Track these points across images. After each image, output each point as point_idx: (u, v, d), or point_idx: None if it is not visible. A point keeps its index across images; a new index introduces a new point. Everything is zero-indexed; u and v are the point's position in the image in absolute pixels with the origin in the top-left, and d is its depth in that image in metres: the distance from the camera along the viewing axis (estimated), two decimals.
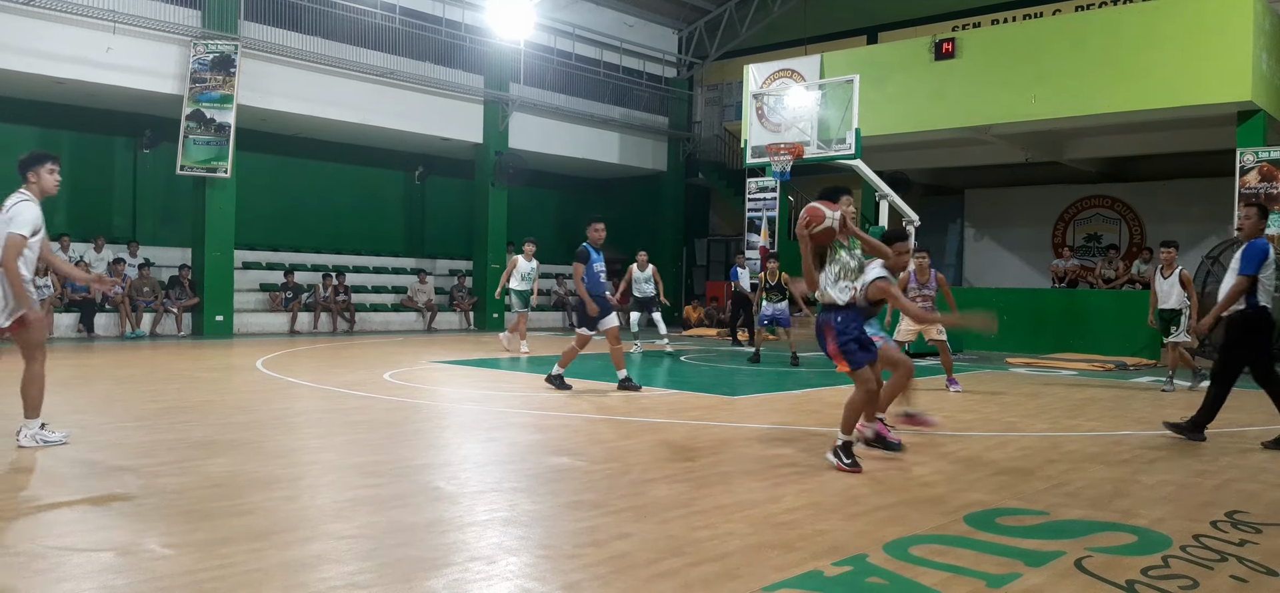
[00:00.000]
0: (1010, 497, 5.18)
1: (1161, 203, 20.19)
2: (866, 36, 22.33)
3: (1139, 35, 15.09)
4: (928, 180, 22.68)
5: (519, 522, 4.50)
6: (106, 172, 18.60)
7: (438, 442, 6.80)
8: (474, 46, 20.88)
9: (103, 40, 15.51)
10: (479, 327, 21.45)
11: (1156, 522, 4.67)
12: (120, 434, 6.65)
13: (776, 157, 14.87)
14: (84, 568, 3.67)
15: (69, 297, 16.01)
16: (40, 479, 5.23)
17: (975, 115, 16.66)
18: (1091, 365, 13.86)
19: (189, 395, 8.78)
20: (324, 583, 3.53)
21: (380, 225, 22.75)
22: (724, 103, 25.88)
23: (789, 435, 7.21)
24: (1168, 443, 7.07)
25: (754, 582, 3.62)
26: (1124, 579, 3.73)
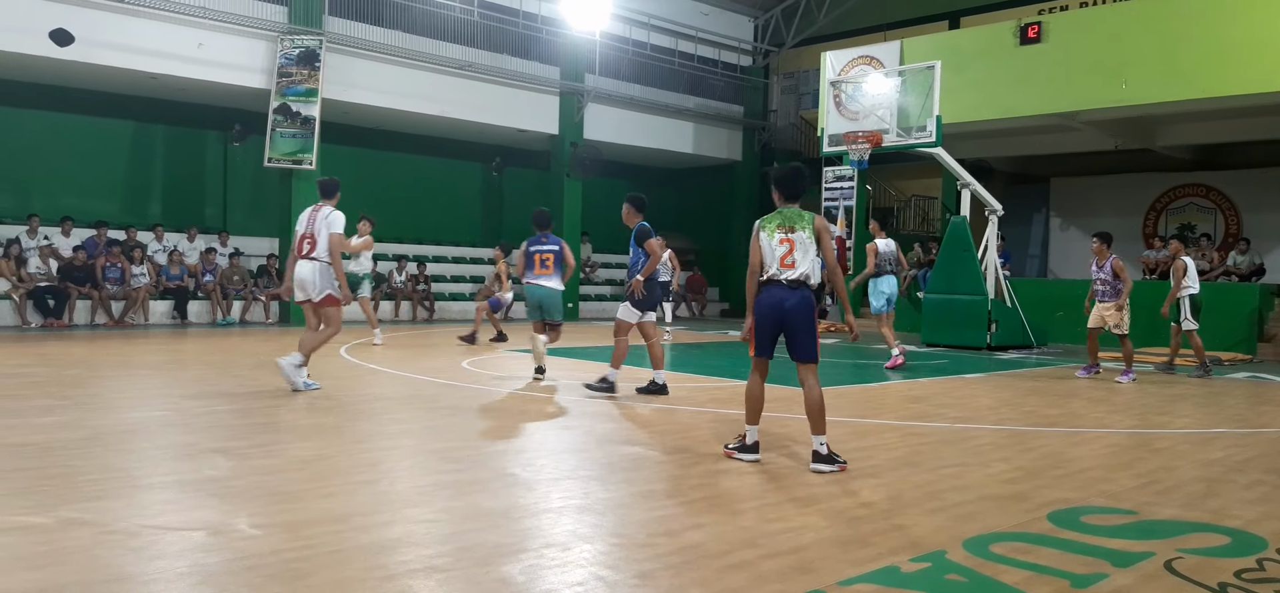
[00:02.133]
0: (1096, 495, 5.03)
1: (1259, 191, 19.36)
2: (948, 22, 21.86)
3: (1237, 16, 14.46)
4: (1011, 169, 22.13)
5: (593, 509, 4.53)
6: (198, 164, 19.24)
7: (514, 429, 6.88)
8: (550, 38, 21.02)
9: (194, 36, 16.04)
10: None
11: (1251, 523, 4.49)
12: (212, 417, 6.88)
13: (854, 145, 14.66)
14: (177, 546, 3.81)
15: (164, 285, 16.61)
16: (136, 460, 5.44)
17: (1062, 101, 16.18)
18: (1183, 360, 13.37)
19: (276, 381, 9.04)
20: (403, 565, 3.61)
21: (458, 215, 23.09)
22: (800, 91, 25.60)
23: (864, 429, 7.12)
24: (1263, 440, 6.79)
25: (829, 576, 3.58)
26: (1217, 582, 3.60)
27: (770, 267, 5.64)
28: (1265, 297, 15.26)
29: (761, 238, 5.69)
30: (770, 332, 5.69)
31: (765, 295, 5.65)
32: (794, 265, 5.59)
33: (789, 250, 5.61)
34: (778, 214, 5.74)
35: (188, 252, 17.36)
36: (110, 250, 16.02)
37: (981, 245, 14.96)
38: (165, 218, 18.21)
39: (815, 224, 5.63)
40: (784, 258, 5.61)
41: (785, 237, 5.64)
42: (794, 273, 5.59)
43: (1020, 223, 22.44)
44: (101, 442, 5.85)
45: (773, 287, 5.63)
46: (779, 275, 5.61)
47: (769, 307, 5.63)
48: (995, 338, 14.45)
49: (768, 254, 5.66)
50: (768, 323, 5.66)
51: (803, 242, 5.61)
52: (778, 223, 5.69)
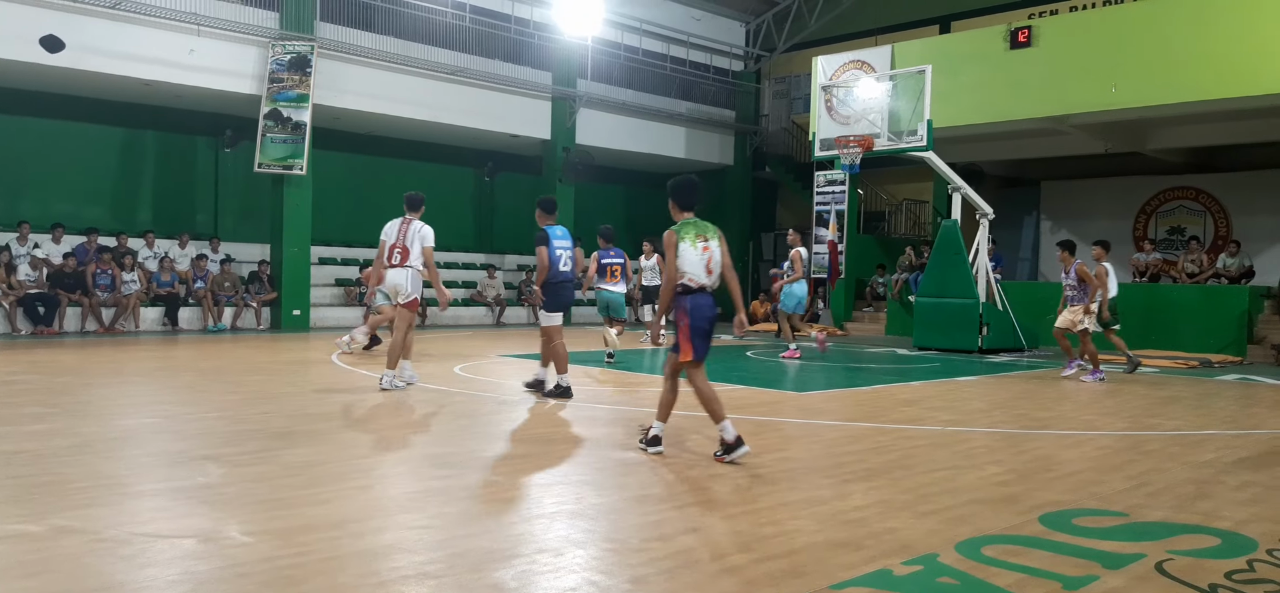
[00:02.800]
0: (1088, 497, 5.05)
1: (1249, 194, 19.44)
2: (939, 26, 21.91)
3: (1226, 19, 14.52)
4: (1002, 172, 22.19)
5: (586, 515, 4.53)
6: (189, 170, 19.19)
7: (506, 435, 6.88)
8: (542, 43, 21.03)
9: (186, 43, 16.01)
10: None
11: (1241, 524, 4.52)
12: (203, 424, 6.87)
13: (846, 149, 14.70)
14: (167, 554, 3.80)
15: (155, 292, 16.56)
16: (126, 468, 5.43)
17: (1052, 105, 16.23)
18: (1174, 363, 13.43)
19: (267, 388, 9.02)
20: (395, 572, 3.60)
21: (450, 221, 23.03)
22: (792, 95, 25.63)
23: (856, 433, 7.13)
24: (1253, 442, 6.82)
25: (821, 580, 3.59)
26: (1207, 583, 3.62)
27: (699, 275, 5.89)
28: (1255, 299, 15.33)
29: (682, 247, 5.91)
30: (707, 334, 5.96)
31: (699, 302, 5.91)
32: (712, 271, 5.93)
33: (708, 258, 5.92)
34: (691, 224, 6.02)
35: (179, 258, 17.31)
36: (101, 257, 15.96)
37: (973, 249, 15.01)
38: (156, 224, 18.15)
39: (720, 232, 6.08)
40: (707, 265, 5.91)
41: (705, 245, 5.94)
42: (713, 278, 5.94)
43: (1011, 226, 22.49)
44: (92, 449, 5.83)
45: (703, 295, 5.93)
46: (707, 282, 5.92)
47: (705, 312, 5.92)
48: (986, 341, 14.50)
49: (693, 263, 5.89)
50: (705, 327, 5.93)
51: (715, 250, 5.95)
52: (695, 232, 5.97)
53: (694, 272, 5.88)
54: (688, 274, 5.87)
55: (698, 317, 5.87)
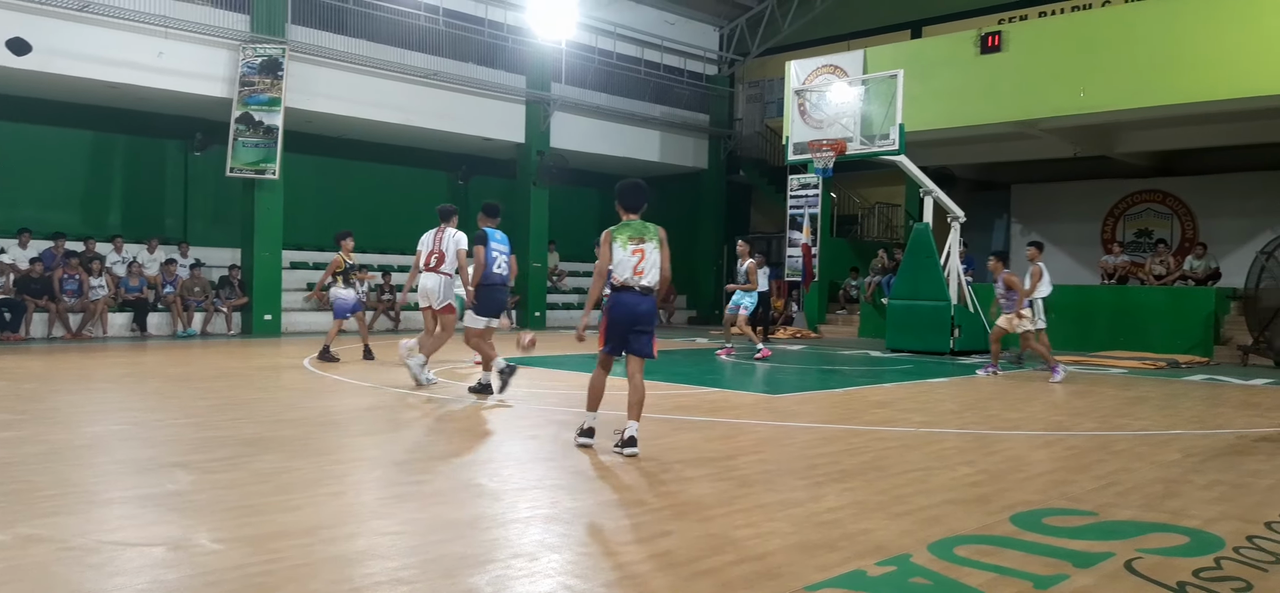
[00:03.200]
0: (1058, 497, 5.10)
1: (1215, 197, 19.73)
2: (910, 31, 22.08)
3: (1192, 25, 14.75)
4: (974, 176, 22.38)
5: (561, 519, 4.52)
6: (158, 174, 18.97)
7: (480, 439, 6.85)
8: (516, 47, 20.99)
9: (154, 45, 15.83)
10: (521, 325, 21.57)
11: (1209, 523, 4.58)
12: (172, 431, 6.79)
13: (819, 153, 14.78)
14: (136, 562, 3.75)
15: (123, 297, 16.36)
16: (94, 475, 5.35)
17: (1022, 110, 16.40)
18: (1141, 364, 13.60)
19: (238, 393, 8.94)
20: (369, 578, 3.58)
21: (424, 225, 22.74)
22: (765, 100, 25.74)
23: (830, 434, 7.16)
24: (1220, 442, 6.92)
25: (796, 581, 3.60)
26: (1175, 581, 3.66)
27: (624, 274, 6.12)
28: (1221, 300, 15.55)
29: (613, 246, 6.16)
30: (623, 332, 6.17)
31: (622, 299, 6.14)
32: (644, 273, 6.12)
33: (640, 259, 6.12)
34: (627, 225, 6.23)
35: (147, 263, 17.10)
36: (68, 262, 15.74)
37: (944, 252, 15.13)
38: (125, 229, 17.93)
39: (659, 235, 6.22)
40: (636, 267, 6.12)
41: (637, 246, 6.14)
42: (645, 280, 6.13)
43: (982, 229, 22.69)
44: (59, 457, 5.75)
45: (627, 292, 6.14)
46: (632, 282, 6.11)
47: (626, 310, 6.14)
48: (958, 343, 14.61)
49: (621, 262, 6.13)
50: (623, 324, 6.15)
51: (651, 251, 6.14)
52: (629, 234, 6.18)
53: (620, 271, 6.12)
54: (617, 273, 6.14)
55: (617, 312, 6.14)
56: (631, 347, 6.19)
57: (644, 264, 6.11)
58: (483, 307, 8.95)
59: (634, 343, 6.18)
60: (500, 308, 9.23)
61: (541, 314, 21.82)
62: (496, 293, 9.03)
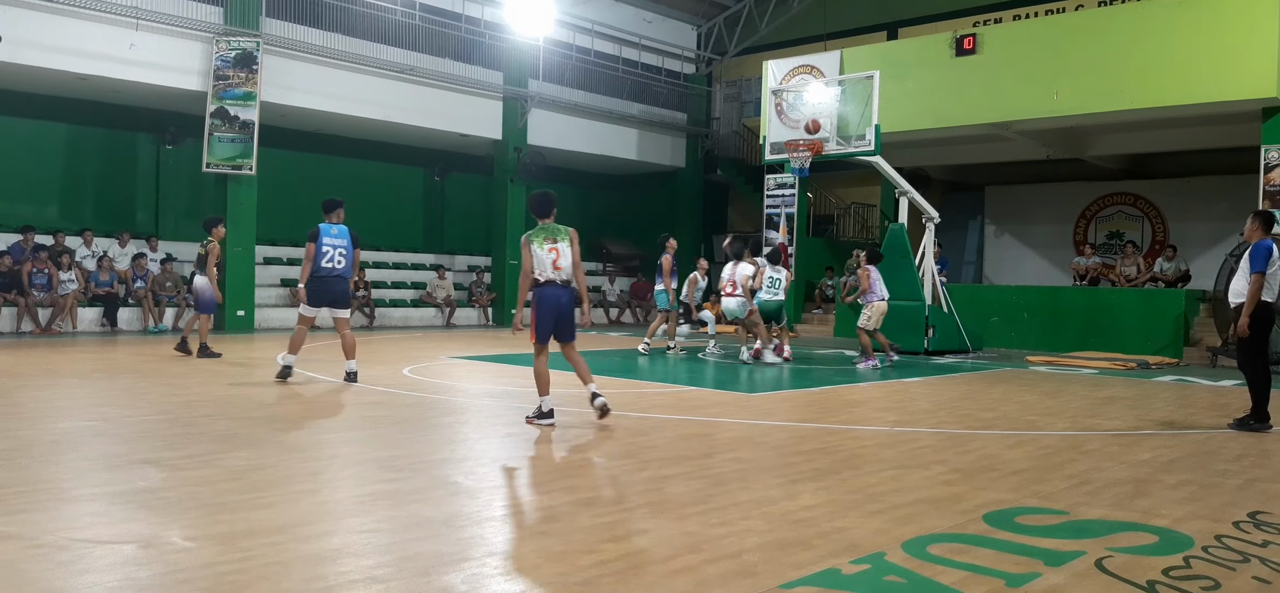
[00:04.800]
0: (1030, 496, 5.15)
1: (1184, 200, 20.00)
2: (886, 32, 22.21)
3: (1163, 31, 14.94)
4: (948, 177, 22.56)
5: (537, 517, 4.51)
6: (129, 167, 18.76)
7: (456, 437, 6.83)
8: (493, 43, 20.92)
9: (126, 37, 15.64)
10: (497, 323, 21.51)
11: (1178, 522, 4.64)
12: (143, 427, 6.71)
13: (795, 153, 14.82)
14: (106, 560, 3.71)
15: (93, 291, 16.16)
16: (64, 472, 5.29)
17: (996, 112, 16.54)
18: (1113, 364, 13.75)
19: (210, 390, 8.86)
20: (342, 576, 3.56)
21: (400, 221, 22.84)
22: (743, 99, 25.80)
23: (806, 433, 7.20)
24: (1189, 442, 7.01)
25: (771, 580, 3.62)
26: (1145, 580, 3.71)
27: (545, 271, 7.01)
28: (1191, 302, 15.75)
29: (532, 248, 7.02)
30: (552, 322, 7.07)
31: (547, 294, 7.03)
32: (562, 268, 7.03)
33: (556, 257, 7.02)
34: (542, 229, 7.11)
35: (118, 257, 16.90)
36: (37, 256, 15.53)
37: (919, 252, 15.22)
38: (95, 222, 17.72)
39: (571, 235, 7.13)
40: (555, 263, 7.01)
41: (552, 246, 7.03)
42: (563, 274, 7.04)
43: (957, 230, 22.88)
44: (28, 453, 5.67)
45: (551, 287, 7.03)
46: (553, 277, 7.01)
47: (552, 303, 7.05)
48: (932, 343, 14.71)
49: (541, 262, 7.01)
50: (551, 316, 7.05)
51: (565, 249, 7.06)
52: (544, 236, 7.07)
53: (541, 268, 7.00)
54: (537, 270, 7.00)
55: (544, 306, 7.02)
56: (561, 336, 7.13)
57: (561, 261, 7.01)
58: (311, 297, 9.48)
59: (562, 332, 7.12)
60: (331, 300, 9.59)
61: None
62: (325, 285, 9.44)
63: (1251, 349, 7.65)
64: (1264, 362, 7.72)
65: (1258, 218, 7.85)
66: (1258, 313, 7.53)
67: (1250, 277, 7.51)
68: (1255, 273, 7.47)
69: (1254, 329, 7.56)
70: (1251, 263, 7.53)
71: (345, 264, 9.46)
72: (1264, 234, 7.70)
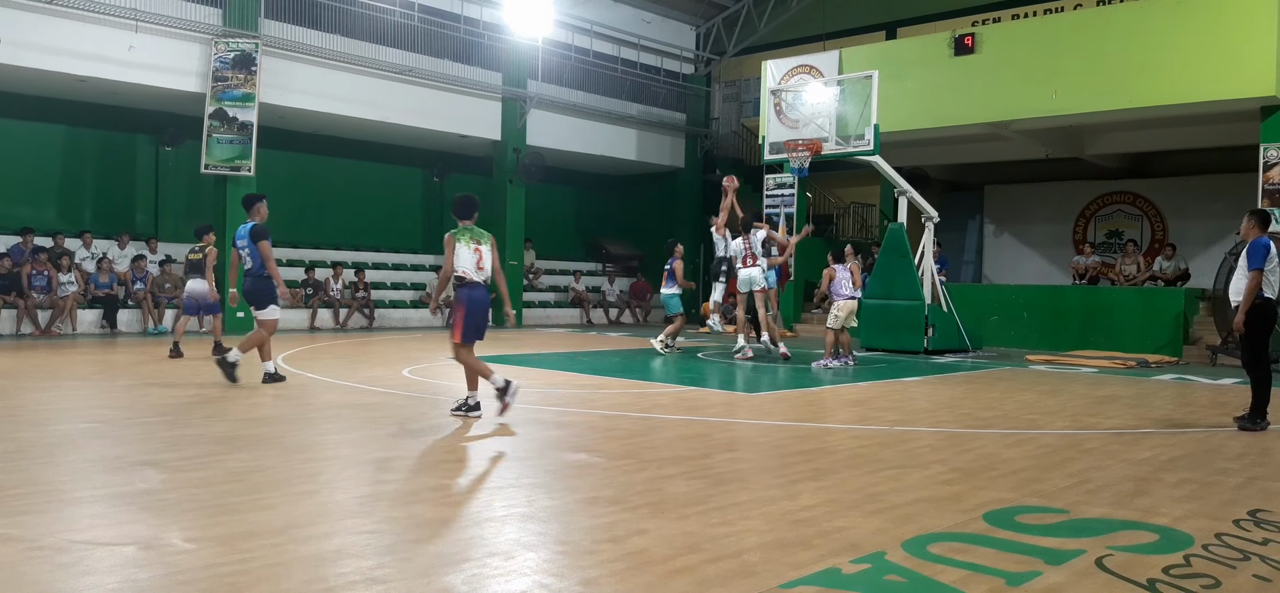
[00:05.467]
0: (1030, 495, 5.15)
1: (1184, 199, 20.00)
2: (885, 32, 22.21)
3: (1162, 29, 14.94)
4: (947, 176, 22.55)
5: (537, 518, 4.51)
6: (129, 169, 18.76)
7: (456, 437, 6.82)
8: (492, 44, 20.91)
9: (125, 39, 15.64)
10: (497, 323, 21.50)
11: (1178, 520, 4.64)
12: (143, 429, 6.71)
13: (795, 153, 14.81)
14: (107, 562, 3.71)
15: (93, 293, 16.15)
16: (64, 473, 5.28)
17: (995, 111, 16.54)
18: (1112, 363, 13.75)
19: (210, 391, 8.85)
20: (343, 578, 3.56)
21: (399, 222, 22.84)
22: (742, 99, 25.80)
23: (805, 433, 7.20)
24: (1189, 440, 7.01)
25: (771, 579, 3.62)
26: (1145, 578, 3.71)
27: (470, 271, 7.24)
28: (1191, 301, 15.76)
29: (458, 247, 7.25)
30: (481, 321, 7.37)
31: (476, 296, 7.30)
32: (484, 269, 7.30)
33: (480, 258, 7.28)
34: (466, 230, 7.33)
35: (118, 259, 16.90)
36: (36, 258, 15.52)
37: (918, 251, 15.23)
38: (94, 224, 17.71)
39: (491, 240, 7.42)
40: (479, 264, 7.27)
41: (476, 247, 7.28)
42: (486, 274, 7.32)
43: (956, 229, 22.88)
44: (27, 455, 5.67)
45: (476, 287, 7.29)
46: (477, 277, 7.27)
47: (479, 302, 7.33)
48: (932, 342, 14.71)
49: (466, 261, 7.24)
50: (479, 315, 7.34)
51: (487, 251, 7.34)
52: (469, 237, 7.30)
53: (466, 268, 7.22)
54: (461, 270, 7.22)
55: (473, 307, 7.28)
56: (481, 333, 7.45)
57: (484, 262, 7.30)
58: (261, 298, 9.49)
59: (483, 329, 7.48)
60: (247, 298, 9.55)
61: (517, 312, 21.74)
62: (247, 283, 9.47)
63: (1254, 348, 7.67)
64: (1265, 361, 7.72)
65: (1254, 216, 7.88)
66: (1260, 310, 7.54)
67: (1248, 274, 7.53)
68: (1254, 270, 7.50)
69: (1255, 327, 7.58)
70: (1249, 260, 7.56)
71: (253, 263, 9.36)
72: (1261, 232, 7.73)
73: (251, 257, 9.38)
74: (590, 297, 23.63)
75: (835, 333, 12.89)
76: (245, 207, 9.71)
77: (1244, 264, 7.65)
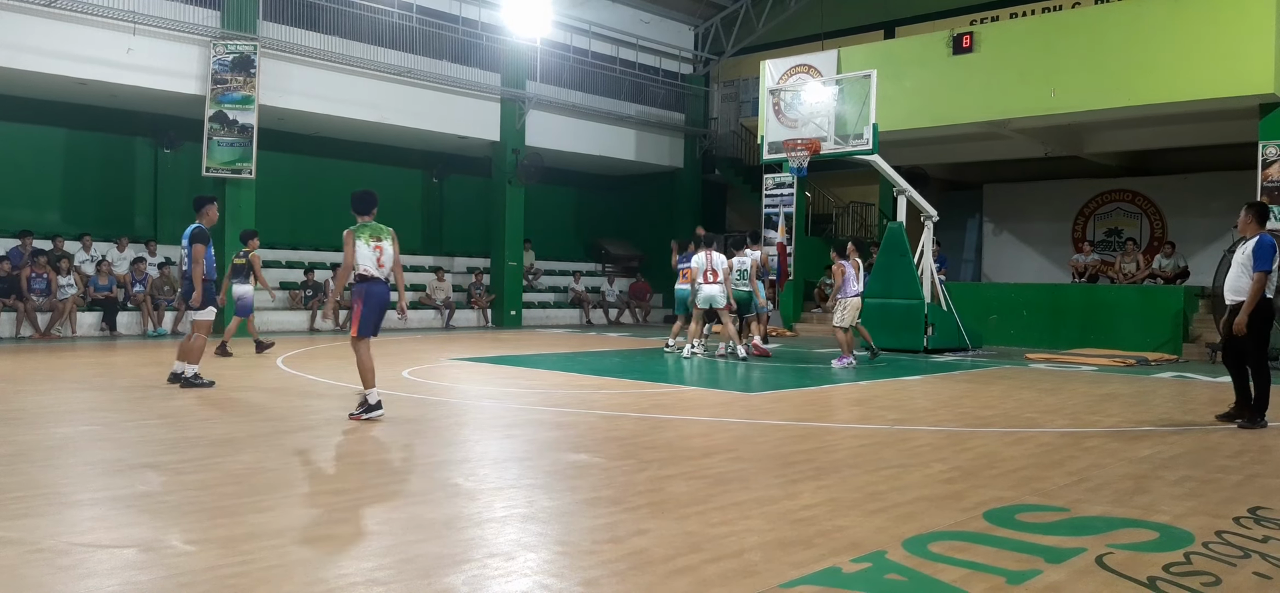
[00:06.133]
0: (1030, 493, 5.15)
1: (1183, 197, 20.00)
2: (883, 31, 22.22)
3: (1160, 27, 14.94)
4: (946, 175, 22.55)
5: (537, 518, 4.51)
6: (128, 171, 18.76)
7: (456, 439, 6.83)
8: (491, 44, 20.92)
9: (123, 41, 15.64)
10: (497, 324, 21.51)
11: (1178, 518, 4.64)
12: (143, 431, 6.71)
13: (793, 152, 14.82)
14: (107, 564, 3.71)
15: (92, 296, 16.15)
16: (64, 476, 5.28)
17: (994, 110, 16.53)
18: (1112, 361, 13.75)
19: (209, 393, 8.85)
20: (343, 579, 3.56)
21: (399, 223, 22.30)
22: (741, 99, 25.81)
23: (805, 432, 7.20)
24: (1189, 438, 7.01)
25: (772, 578, 3.62)
26: (1145, 576, 3.71)
27: (370, 267, 7.34)
28: (1190, 299, 15.76)
29: (358, 244, 7.32)
30: (379, 316, 7.46)
31: (374, 289, 7.38)
32: (384, 266, 7.42)
33: (380, 254, 7.38)
34: (366, 226, 7.41)
35: (117, 261, 16.89)
36: (36, 260, 15.52)
37: (918, 250, 15.23)
38: (94, 227, 17.70)
39: (391, 234, 7.55)
40: (378, 260, 7.37)
41: (377, 244, 7.39)
42: (386, 271, 7.44)
43: (955, 228, 22.87)
44: (27, 458, 5.67)
45: (376, 283, 7.39)
46: (377, 273, 7.38)
47: (379, 298, 7.42)
48: (932, 341, 14.71)
49: (365, 257, 7.33)
50: (378, 311, 7.44)
51: (388, 247, 7.45)
52: (369, 233, 7.39)
53: (366, 264, 7.31)
54: (361, 266, 7.30)
55: (371, 301, 7.35)
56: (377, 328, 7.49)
57: (384, 258, 7.40)
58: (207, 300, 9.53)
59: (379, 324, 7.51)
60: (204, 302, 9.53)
61: (517, 313, 21.75)
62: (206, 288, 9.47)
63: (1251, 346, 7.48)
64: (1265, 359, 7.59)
65: (1252, 210, 7.61)
66: (1262, 310, 7.34)
67: (1253, 274, 7.27)
68: (1260, 271, 7.23)
69: (1257, 327, 7.39)
70: (1257, 260, 7.28)
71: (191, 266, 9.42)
72: (1260, 227, 7.51)
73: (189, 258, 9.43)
74: (590, 297, 23.63)
75: (845, 331, 12.91)
76: (196, 207, 9.68)
77: (1246, 262, 7.38)
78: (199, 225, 9.46)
